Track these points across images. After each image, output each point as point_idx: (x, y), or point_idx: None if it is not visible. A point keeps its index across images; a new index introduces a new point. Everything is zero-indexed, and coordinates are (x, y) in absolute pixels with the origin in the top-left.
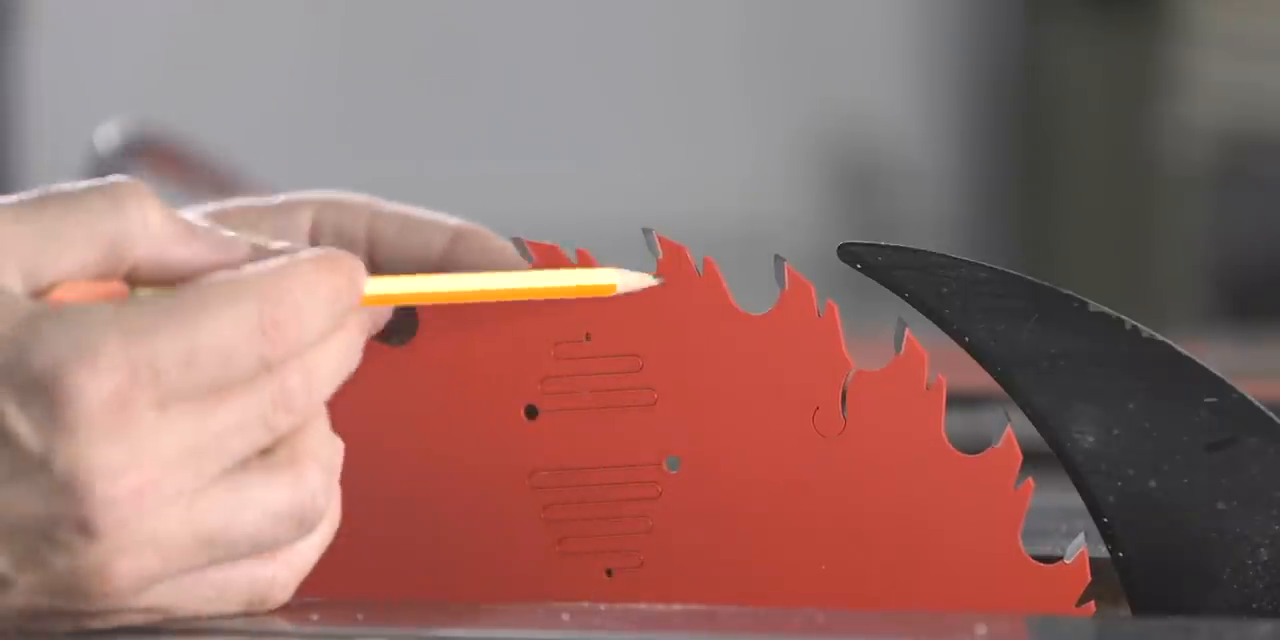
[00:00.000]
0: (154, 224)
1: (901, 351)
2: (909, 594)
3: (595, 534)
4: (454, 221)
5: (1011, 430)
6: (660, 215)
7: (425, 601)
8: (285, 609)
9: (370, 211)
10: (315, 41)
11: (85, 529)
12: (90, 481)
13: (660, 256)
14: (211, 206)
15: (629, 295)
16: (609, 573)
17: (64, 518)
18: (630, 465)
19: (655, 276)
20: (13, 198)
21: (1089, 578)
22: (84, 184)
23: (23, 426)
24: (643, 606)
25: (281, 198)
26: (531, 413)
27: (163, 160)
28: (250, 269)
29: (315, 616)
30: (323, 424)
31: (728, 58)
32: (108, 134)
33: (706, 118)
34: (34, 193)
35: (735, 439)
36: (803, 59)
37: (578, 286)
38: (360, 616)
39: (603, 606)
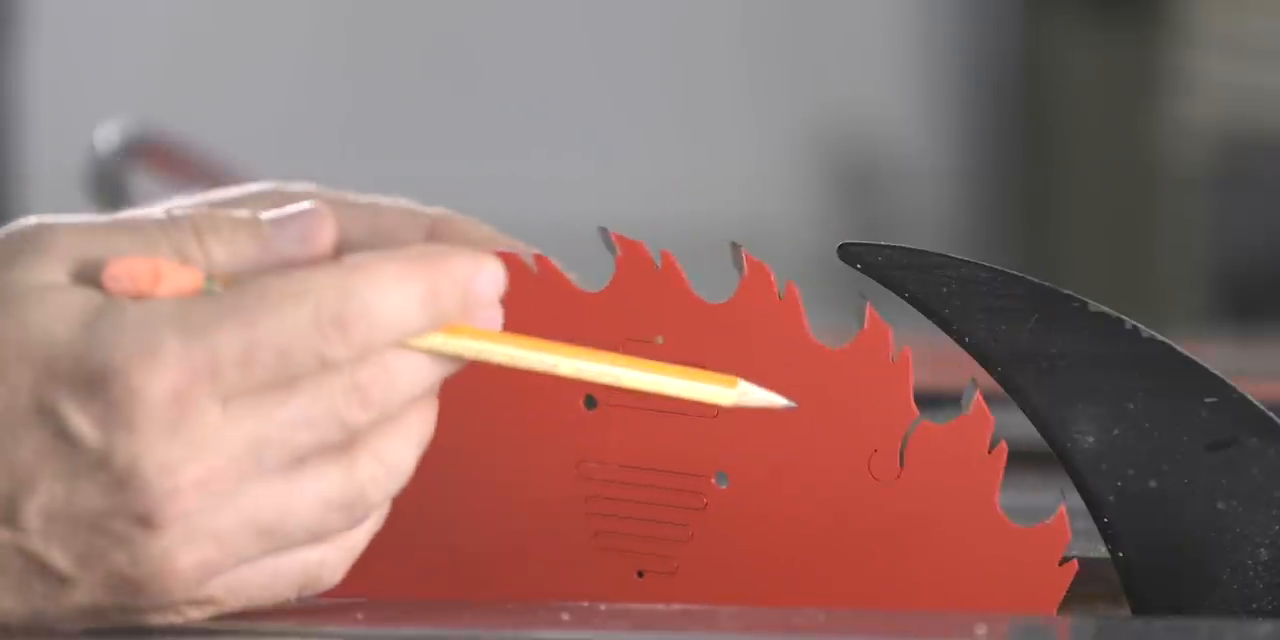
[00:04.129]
0: (239, 243)
1: (969, 412)
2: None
3: (632, 533)
4: (428, 211)
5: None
6: (660, 215)
7: (425, 601)
8: (285, 609)
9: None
10: (319, 41)
11: (146, 522)
12: (150, 476)
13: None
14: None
15: (712, 306)
16: (640, 574)
17: (124, 511)
18: (680, 472)
19: (786, 400)
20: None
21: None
22: (159, 214)
23: (83, 425)
24: (642, 606)
25: (223, 196)
26: (591, 403)
27: (163, 160)
28: (320, 267)
29: (314, 616)
30: (400, 426)
31: (729, 58)
32: (108, 134)
33: (707, 118)
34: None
35: (788, 466)
36: (803, 59)
37: (693, 390)
38: (360, 616)
39: (603, 606)
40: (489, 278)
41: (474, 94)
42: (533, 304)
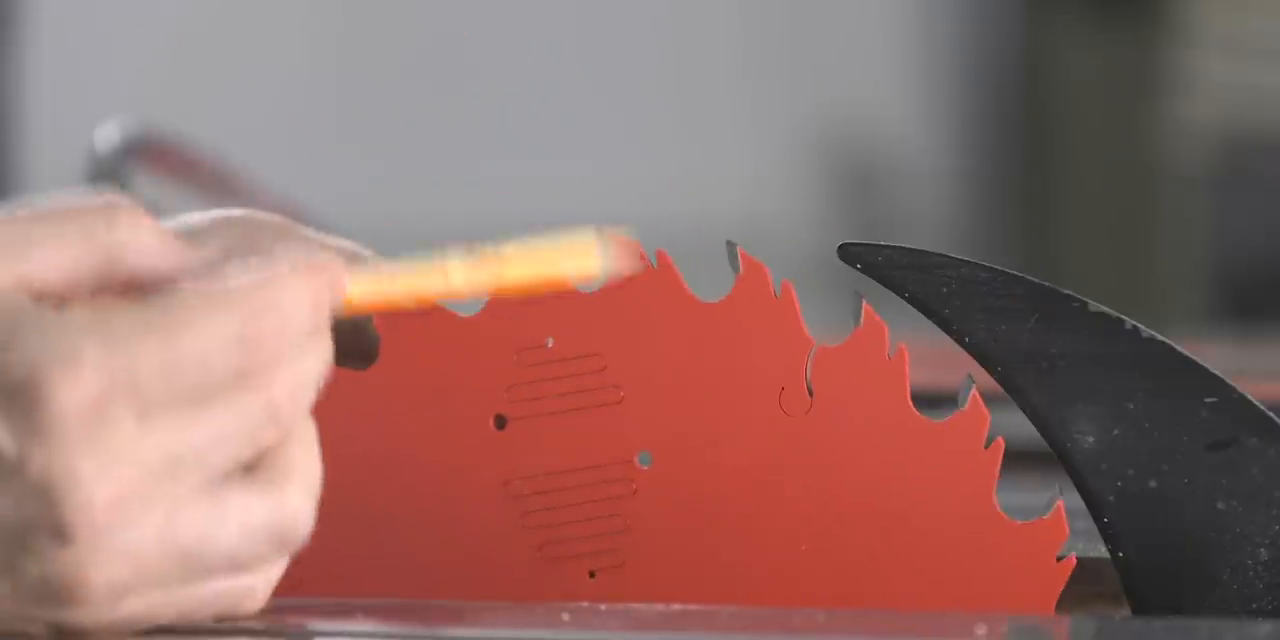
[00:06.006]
0: (147, 239)
1: (861, 324)
2: (890, 563)
3: (575, 537)
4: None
5: (977, 393)
6: (660, 215)
7: (425, 601)
8: (285, 608)
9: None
10: (315, 42)
11: (59, 534)
12: (65, 487)
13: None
14: None
15: (586, 295)
16: (592, 574)
17: (38, 522)
18: (603, 465)
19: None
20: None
21: (1067, 532)
22: (78, 197)
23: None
24: (642, 606)
25: (195, 219)
26: (501, 423)
27: (163, 160)
28: (235, 279)
29: (315, 616)
30: (307, 437)
31: (728, 58)
32: (108, 134)
33: (706, 118)
34: (25, 202)
35: (704, 428)
36: (803, 59)
37: (562, 249)
38: (360, 616)
39: (603, 606)
40: (344, 279)
41: (472, 94)
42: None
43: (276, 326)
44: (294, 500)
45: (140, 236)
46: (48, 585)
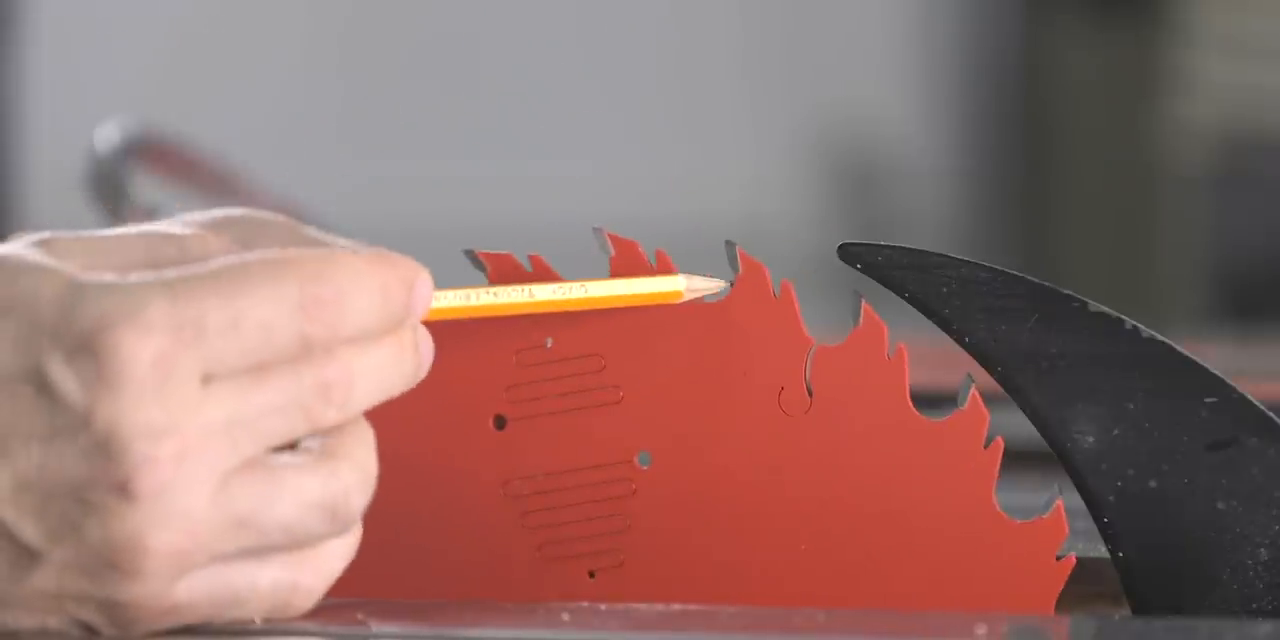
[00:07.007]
0: (214, 248)
1: (860, 324)
2: (889, 563)
3: (574, 537)
4: None
5: (977, 392)
6: (660, 215)
7: (426, 601)
8: None
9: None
10: (315, 42)
11: (122, 490)
12: (130, 440)
13: (613, 253)
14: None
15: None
16: (591, 574)
17: (102, 477)
18: (603, 465)
19: (726, 281)
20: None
21: (1066, 531)
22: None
23: (67, 382)
24: (642, 606)
25: (194, 219)
26: (500, 423)
27: (163, 160)
28: (295, 249)
29: (316, 616)
30: (364, 435)
31: (728, 58)
32: (108, 134)
33: (706, 118)
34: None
35: (704, 428)
36: (803, 59)
37: (646, 294)
38: (360, 616)
39: (603, 606)
40: (426, 282)
41: (473, 94)
42: None
43: (332, 297)
44: (347, 477)
45: (209, 248)
46: (108, 549)
